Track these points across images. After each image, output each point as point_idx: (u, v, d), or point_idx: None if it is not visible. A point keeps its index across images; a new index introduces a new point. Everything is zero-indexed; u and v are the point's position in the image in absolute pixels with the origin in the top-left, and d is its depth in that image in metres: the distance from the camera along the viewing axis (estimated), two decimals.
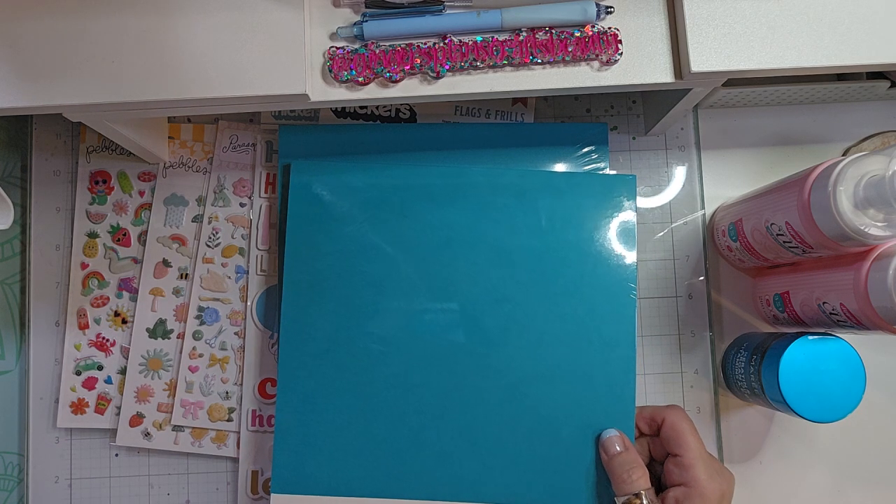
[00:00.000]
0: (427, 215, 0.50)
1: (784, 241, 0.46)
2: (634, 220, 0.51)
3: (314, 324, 0.50)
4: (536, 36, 0.42)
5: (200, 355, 0.53)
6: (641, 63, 0.43)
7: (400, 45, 0.42)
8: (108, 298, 0.54)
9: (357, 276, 0.50)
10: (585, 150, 0.54)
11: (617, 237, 0.50)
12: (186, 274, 0.54)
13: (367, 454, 0.49)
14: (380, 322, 0.49)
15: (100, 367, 0.53)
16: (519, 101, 0.55)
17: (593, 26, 0.42)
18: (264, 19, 0.41)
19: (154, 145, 0.52)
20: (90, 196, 0.54)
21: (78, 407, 0.53)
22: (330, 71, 0.42)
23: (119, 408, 0.53)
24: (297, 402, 0.49)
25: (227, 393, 0.53)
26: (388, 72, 0.42)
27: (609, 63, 0.43)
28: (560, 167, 0.53)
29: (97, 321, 0.54)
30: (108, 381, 0.53)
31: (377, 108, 0.55)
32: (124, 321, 0.54)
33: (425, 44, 0.42)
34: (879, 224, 0.39)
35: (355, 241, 0.50)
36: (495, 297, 0.50)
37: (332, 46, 0.42)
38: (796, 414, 0.46)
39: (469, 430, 0.49)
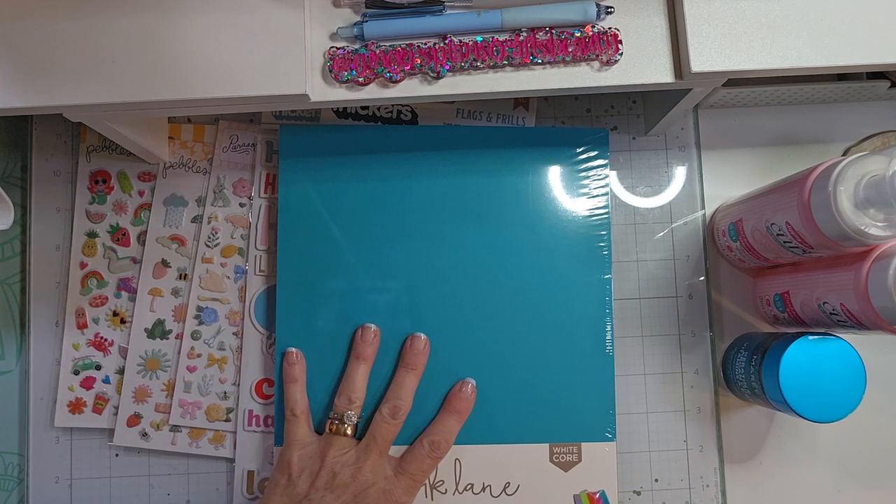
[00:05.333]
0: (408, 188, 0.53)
1: (784, 241, 0.46)
2: (607, 173, 0.54)
3: (313, 272, 0.52)
4: (537, 36, 0.42)
5: (199, 355, 0.53)
6: (641, 63, 0.43)
7: (400, 46, 0.42)
8: (106, 298, 0.54)
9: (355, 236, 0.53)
10: (586, 153, 0.54)
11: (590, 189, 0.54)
12: (185, 274, 0.54)
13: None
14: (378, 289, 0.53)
15: (98, 367, 0.53)
16: (520, 104, 0.55)
17: (593, 26, 0.42)
18: (264, 19, 0.41)
19: (154, 145, 0.52)
20: (90, 196, 0.54)
21: (75, 406, 0.53)
22: (330, 71, 0.42)
23: (117, 408, 0.53)
24: (298, 329, 0.52)
25: (225, 393, 0.53)
26: (389, 72, 0.42)
27: (609, 63, 0.43)
28: (561, 170, 0.53)
29: (96, 321, 0.53)
30: (106, 380, 0.53)
31: (378, 109, 0.55)
32: (123, 321, 0.54)
33: (425, 44, 0.42)
34: (879, 224, 0.39)
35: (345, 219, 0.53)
36: (480, 268, 0.52)
37: (333, 46, 0.42)
38: (796, 414, 0.46)
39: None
